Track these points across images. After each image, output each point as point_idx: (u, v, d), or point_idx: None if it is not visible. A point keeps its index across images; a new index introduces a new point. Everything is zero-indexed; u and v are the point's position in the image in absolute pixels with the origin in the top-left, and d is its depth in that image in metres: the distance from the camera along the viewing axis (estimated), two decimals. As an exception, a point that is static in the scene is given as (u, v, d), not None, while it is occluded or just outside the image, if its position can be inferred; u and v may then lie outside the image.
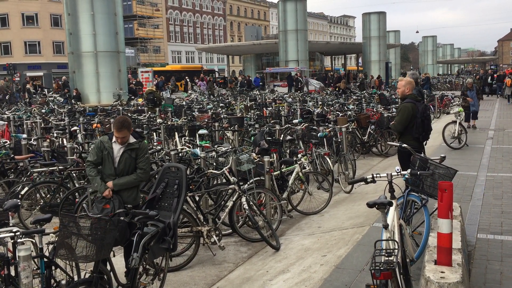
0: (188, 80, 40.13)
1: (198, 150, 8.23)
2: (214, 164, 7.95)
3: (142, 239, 4.18)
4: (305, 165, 8.02)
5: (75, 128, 12.18)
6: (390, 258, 3.31)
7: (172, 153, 7.80)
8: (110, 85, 23.32)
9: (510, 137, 13.55)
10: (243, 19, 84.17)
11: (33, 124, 13.73)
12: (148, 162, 5.28)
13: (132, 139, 5.21)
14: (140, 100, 21.18)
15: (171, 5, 68.40)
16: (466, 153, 11.49)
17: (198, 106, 17.88)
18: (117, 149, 5.15)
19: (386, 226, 3.79)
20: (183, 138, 10.94)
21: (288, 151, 10.14)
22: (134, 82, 29.41)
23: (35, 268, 3.86)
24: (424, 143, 7.03)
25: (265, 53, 49.64)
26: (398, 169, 4.75)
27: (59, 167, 7.52)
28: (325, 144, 10.00)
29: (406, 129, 6.74)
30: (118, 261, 5.54)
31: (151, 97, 17.93)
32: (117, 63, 23.73)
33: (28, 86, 28.72)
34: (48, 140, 10.65)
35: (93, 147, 5.42)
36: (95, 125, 12.99)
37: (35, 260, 3.86)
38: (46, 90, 28.35)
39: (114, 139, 5.15)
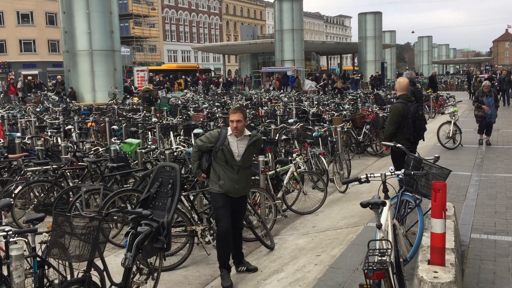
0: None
1: (193, 150, 8.22)
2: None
3: (136, 239, 4.16)
4: (300, 165, 8.02)
5: (69, 127, 12.13)
6: (383, 258, 3.32)
7: (167, 152, 7.79)
8: (105, 84, 23.21)
9: (505, 137, 13.61)
10: (239, 18, 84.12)
11: (27, 123, 13.66)
12: None
13: (247, 131, 5.37)
14: (135, 99, 21.13)
15: (167, 4, 68.26)
16: (461, 153, 11.54)
17: (193, 106, 17.86)
18: (234, 142, 5.27)
19: (379, 226, 3.80)
20: (178, 137, 10.93)
21: (283, 150, 10.15)
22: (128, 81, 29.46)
23: (27, 268, 3.84)
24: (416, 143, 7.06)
25: (261, 52, 49.61)
26: (392, 169, 4.76)
27: (53, 166, 7.48)
28: (320, 144, 10.01)
29: (397, 129, 6.77)
30: (111, 260, 5.54)
31: (147, 96, 17.89)
32: (113, 62, 23.63)
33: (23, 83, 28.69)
34: (42, 139, 10.61)
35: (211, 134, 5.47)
36: (89, 123, 12.95)
37: (28, 259, 3.84)
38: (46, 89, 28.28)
39: (229, 131, 5.26)
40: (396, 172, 4.74)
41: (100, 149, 8.74)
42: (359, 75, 42.02)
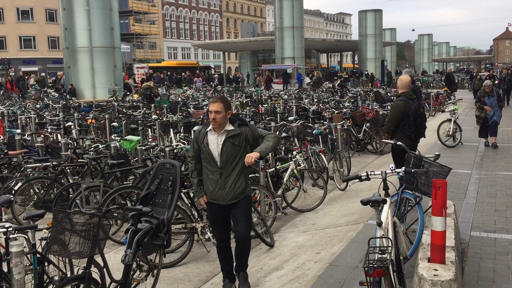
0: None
1: (193, 147, 8.19)
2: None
3: (136, 236, 4.16)
4: (300, 162, 8.02)
5: (69, 123, 12.12)
6: (383, 255, 3.32)
7: (167, 149, 7.78)
8: (105, 80, 23.21)
9: (504, 136, 13.59)
10: (240, 15, 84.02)
11: (27, 119, 13.65)
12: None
13: (229, 126, 4.73)
14: (136, 96, 21.10)
15: (167, 1, 68.17)
16: (461, 151, 11.54)
17: (193, 103, 17.84)
18: (214, 139, 4.72)
19: (380, 224, 3.79)
20: (178, 135, 10.92)
21: (283, 148, 10.14)
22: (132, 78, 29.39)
23: (27, 264, 3.84)
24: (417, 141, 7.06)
25: (261, 50, 49.63)
26: (392, 167, 4.75)
27: (53, 163, 7.47)
28: (320, 141, 10.01)
29: (398, 127, 6.77)
30: (111, 257, 5.54)
31: (148, 93, 17.87)
32: (113, 58, 23.62)
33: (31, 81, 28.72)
34: (42, 136, 10.58)
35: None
36: (89, 120, 12.94)
37: (28, 256, 3.84)
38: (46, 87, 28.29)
39: (210, 127, 4.74)
40: (396, 170, 4.73)
41: (100, 146, 8.74)
42: (345, 73, 42.35)
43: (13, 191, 6.89)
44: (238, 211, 4.82)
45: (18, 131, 10.51)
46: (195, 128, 10.20)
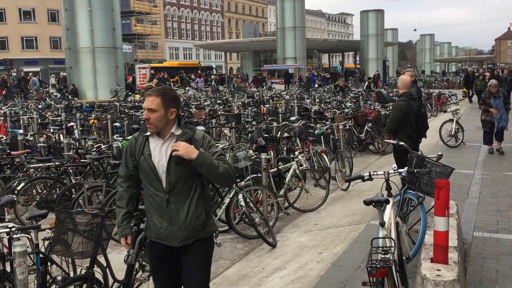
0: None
1: (195, 147, 8.20)
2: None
3: (138, 236, 4.16)
4: (302, 163, 8.01)
5: (71, 124, 12.13)
6: (386, 255, 3.32)
7: (169, 149, 7.77)
8: (107, 81, 23.29)
9: (507, 136, 13.55)
10: (241, 16, 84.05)
11: (30, 120, 13.67)
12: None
13: (177, 129, 3.24)
14: (138, 96, 21.13)
15: (168, 1, 68.24)
16: (463, 151, 11.52)
17: (195, 103, 17.85)
18: (157, 147, 3.25)
19: (382, 224, 3.79)
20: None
21: (285, 148, 10.15)
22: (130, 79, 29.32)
23: (30, 264, 3.84)
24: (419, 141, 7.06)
25: (263, 50, 49.67)
26: (395, 167, 4.75)
27: (56, 163, 7.49)
28: (322, 142, 10.00)
29: (400, 127, 6.77)
30: (114, 257, 5.54)
31: (149, 93, 17.84)
32: (115, 59, 23.69)
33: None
34: (44, 136, 10.59)
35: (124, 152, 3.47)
36: (92, 121, 12.96)
37: (31, 256, 3.85)
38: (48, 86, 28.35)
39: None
40: (399, 170, 4.72)
41: (102, 146, 8.75)
42: (327, 74, 43.02)
43: (15, 191, 6.90)
44: (192, 260, 3.25)
45: (21, 131, 10.52)
46: (199, 128, 10.20)
